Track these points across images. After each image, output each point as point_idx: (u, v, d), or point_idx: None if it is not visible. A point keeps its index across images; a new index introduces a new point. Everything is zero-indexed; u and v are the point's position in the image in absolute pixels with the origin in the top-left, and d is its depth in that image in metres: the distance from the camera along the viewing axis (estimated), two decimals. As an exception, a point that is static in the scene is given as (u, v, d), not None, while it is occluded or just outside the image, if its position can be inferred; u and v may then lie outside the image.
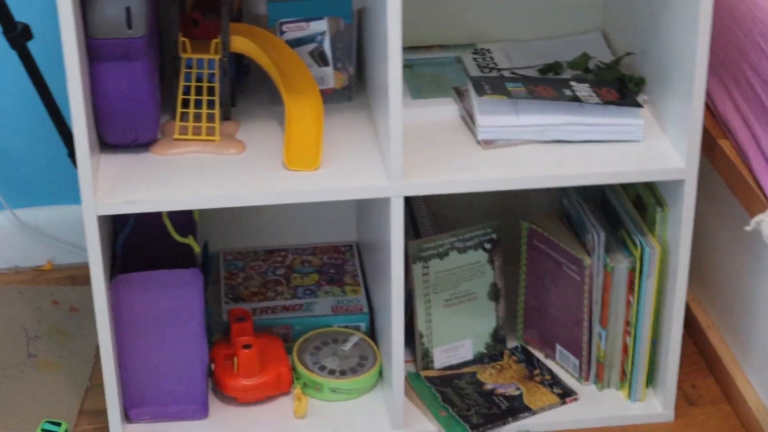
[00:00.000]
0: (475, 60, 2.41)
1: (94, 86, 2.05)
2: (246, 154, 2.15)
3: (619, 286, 2.23)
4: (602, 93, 2.21)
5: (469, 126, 2.22)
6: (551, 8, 2.46)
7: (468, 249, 2.32)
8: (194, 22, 2.18)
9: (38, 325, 2.51)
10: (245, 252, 2.60)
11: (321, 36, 2.24)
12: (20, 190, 2.63)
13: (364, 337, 2.40)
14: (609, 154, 2.15)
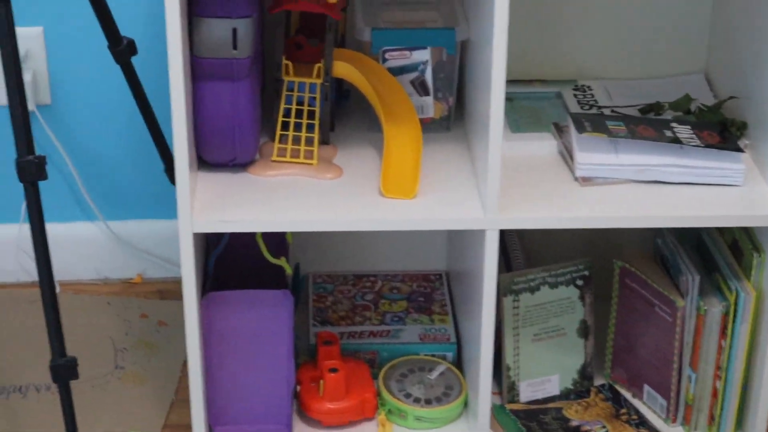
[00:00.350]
0: (576, 96, 2.40)
1: (196, 104, 2.07)
2: (343, 179, 2.15)
3: (711, 330, 2.21)
4: (703, 136, 2.19)
5: (567, 162, 2.21)
6: (654, 48, 2.44)
7: (559, 284, 2.30)
8: (298, 45, 2.19)
9: (126, 337, 2.53)
10: (335, 275, 2.60)
11: (423, 65, 2.24)
12: (114, 202, 2.65)
13: (450, 367, 2.38)
14: (707, 197, 2.13)
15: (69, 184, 2.62)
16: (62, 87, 2.54)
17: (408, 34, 2.22)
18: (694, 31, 2.43)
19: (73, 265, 2.66)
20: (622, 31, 2.43)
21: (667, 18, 2.42)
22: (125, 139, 2.59)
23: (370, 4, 2.30)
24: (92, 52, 2.46)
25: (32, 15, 2.45)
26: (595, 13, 2.41)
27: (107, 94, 2.54)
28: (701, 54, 2.45)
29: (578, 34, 2.43)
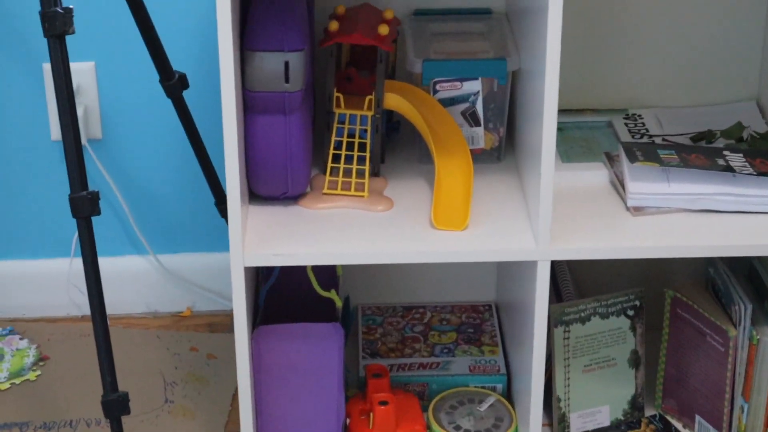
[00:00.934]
0: (627, 125, 2.38)
1: (247, 138, 2.06)
2: (394, 211, 2.14)
3: (764, 360, 2.19)
4: (756, 163, 2.17)
5: (619, 192, 2.19)
6: (705, 76, 2.43)
7: (610, 315, 2.28)
8: (348, 78, 2.19)
9: (175, 371, 2.52)
10: (384, 307, 2.59)
11: (474, 96, 2.23)
12: (164, 235, 2.65)
13: (500, 399, 2.37)
14: (760, 225, 2.11)
15: (119, 217, 2.63)
16: (113, 121, 2.54)
17: (459, 65, 2.21)
18: (746, 57, 2.42)
19: (123, 299, 2.66)
20: (672, 58, 2.41)
21: (717, 45, 2.41)
22: (176, 172, 2.59)
23: (421, 36, 2.29)
24: (143, 86, 2.47)
25: (84, 49, 2.45)
26: (645, 41, 2.40)
27: (158, 128, 2.54)
28: (753, 81, 2.44)
29: (628, 63, 2.41)
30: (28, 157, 2.56)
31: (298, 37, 2.01)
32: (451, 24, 2.33)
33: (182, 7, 2.42)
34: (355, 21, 2.16)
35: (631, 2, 2.37)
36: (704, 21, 2.38)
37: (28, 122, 2.53)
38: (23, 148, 2.55)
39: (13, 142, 2.54)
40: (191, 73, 2.36)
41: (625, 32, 2.39)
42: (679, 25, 2.38)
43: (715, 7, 2.38)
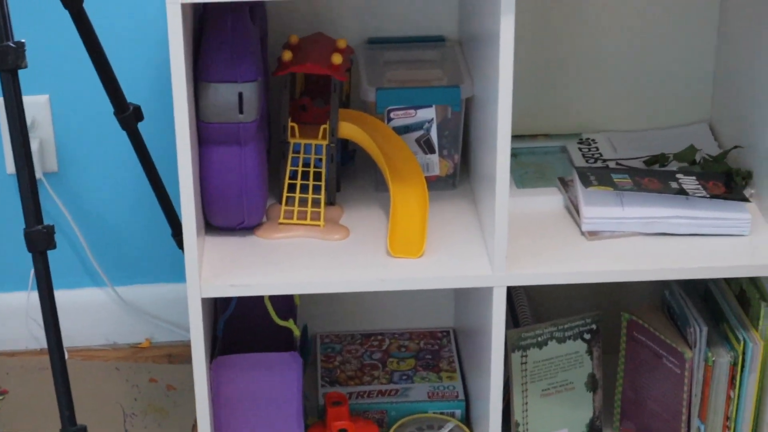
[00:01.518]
0: (581, 150, 2.38)
1: (203, 169, 2.05)
2: (350, 240, 2.14)
3: (719, 381, 2.19)
4: (709, 186, 2.18)
5: (574, 216, 2.19)
6: (657, 99, 2.43)
7: (567, 339, 2.28)
8: (303, 107, 2.19)
9: (135, 403, 2.50)
10: (342, 335, 2.58)
11: (428, 123, 2.22)
12: (121, 267, 2.63)
13: (459, 425, 2.36)
14: (714, 248, 2.11)
15: (76, 250, 2.60)
16: (69, 154, 2.53)
17: (413, 93, 2.21)
18: (698, 81, 2.42)
19: (81, 332, 2.64)
20: (625, 83, 2.42)
21: (670, 69, 2.41)
22: (132, 204, 2.57)
23: (374, 64, 2.29)
24: (99, 118, 2.46)
25: (38, 83, 2.43)
26: (597, 66, 2.40)
27: (114, 161, 2.52)
28: (705, 103, 2.44)
29: (581, 88, 2.42)
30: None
31: (251, 68, 2.00)
32: (405, 52, 2.32)
33: (135, 39, 2.41)
34: (308, 50, 2.16)
35: (583, 27, 2.37)
36: (656, 45, 2.39)
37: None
38: (-23, 182, 2.54)
39: (-33, 175, 2.54)
40: (146, 105, 2.35)
41: (578, 57, 2.39)
42: (631, 49, 2.39)
43: (666, 31, 2.38)
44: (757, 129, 2.19)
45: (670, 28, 2.38)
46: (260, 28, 2.14)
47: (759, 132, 2.18)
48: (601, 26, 2.37)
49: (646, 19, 2.37)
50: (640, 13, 2.36)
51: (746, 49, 2.24)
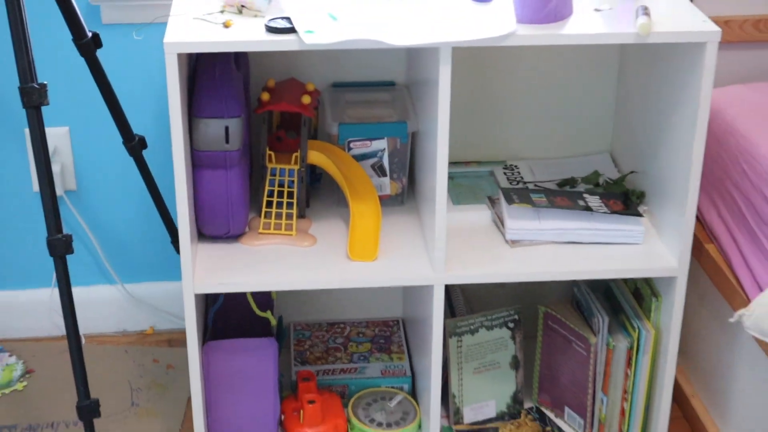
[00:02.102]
0: (505, 174, 2.37)
1: (196, 188, 2.03)
2: (317, 246, 2.11)
3: (619, 361, 2.18)
4: (610, 204, 2.17)
5: (500, 228, 2.17)
6: (568, 133, 2.42)
7: (494, 327, 2.26)
8: (278, 138, 2.16)
9: (140, 380, 2.47)
10: (312, 324, 2.54)
11: (381, 152, 2.21)
12: (130, 268, 2.59)
13: (407, 396, 2.34)
14: (614, 253, 2.10)
15: (92, 254, 2.57)
16: (86, 175, 2.49)
17: (368, 128, 2.19)
18: (601, 119, 2.41)
19: (96, 321, 2.60)
20: (542, 120, 2.40)
21: (578, 109, 2.40)
22: (138, 216, 2.53)
23: (337, 104, 2.27)
24: (110, 146, 2.42)
25: (60, 117, 2.40)
26: (519, 106, 2.39)
27: (123, 181, 2.49)
28: (607, 137, 2.43)
29: (506, 123, 2.40)
30: (12, 206, 2.50)
31: (235, 106, 1.98)
32: (362, 94, 2.30)
33: (140, 80, 2.38)
34: (282, 92, 2.14)
35: (508, 74, 2.35)
36: (567, 89, 2.38)
37: (13, 177, 2.47)
38: (8, 198, 2.49)
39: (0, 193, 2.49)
40: (149, 135, 2.32)
41: (503, 98, 2.37)
42: (547, 92, 2.37)
43: (574, 77, 2.37)
44: (649, 157, 2.18)
45: (577, 76, 2.37)
46: (243, 74, 2.11)
47: (650, 160, 2.17)
48: (522, 74, 2.35)
49: (558, 68, 2.36)
50: (553, 63, 2.35)
51: (639, 93, 2.23)
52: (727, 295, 2.12)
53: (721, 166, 2.19)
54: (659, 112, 2.10)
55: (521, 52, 2.33)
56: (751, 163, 2.09)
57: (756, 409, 2.12)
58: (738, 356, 2.16)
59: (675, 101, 2.01)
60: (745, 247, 2.07)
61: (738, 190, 2.13)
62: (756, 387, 2.10)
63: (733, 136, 2.17)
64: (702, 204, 2.25)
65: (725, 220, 2.17)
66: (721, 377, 2.24)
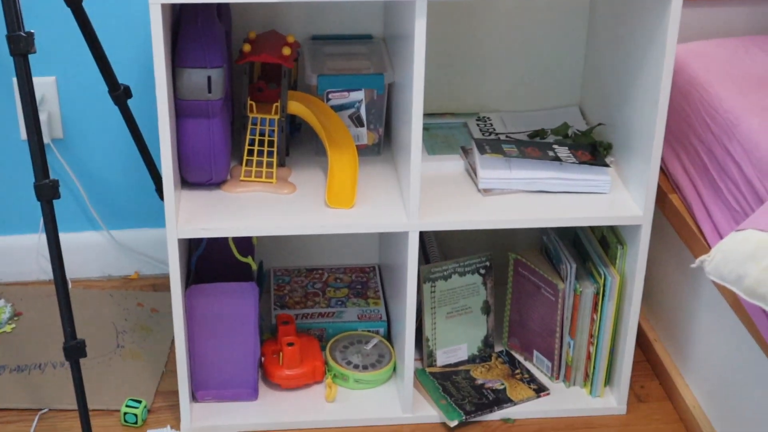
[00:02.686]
0: (478, 125, 2.39)
1: (179, 137, 2.04)
2: (296, 194, 2.13)
3: (585, 307, 2.21)
4: (578, 155, 2.19)
5: (472, 177, 2.19)
6: (538, 86, 2.44)
7: (467, 273, 2.29)
8: (259, 89, 2.17)
9: (125, 322, 2.48)
10: (291, 269, 2.57)
11: (359, 103, 2.22)
12: (115, 214, 2.60)
13: (382, 340, 2.37)
14: (581, 203, 2.13)
15: (78, 201, 2.57)
16: (72, 124, 2.49)
17: (346, 79, 2.20)
18: (570, 72, 2.43)
19: (82, 266, 2.61)
20: (514, 73, 2.42)
21: (548, 63, 2.42)
22: (123, 164, 2.54)
23: (317, 56, 2.28)
24: (96, 95, 2.42)
25: (47, 66, 2.40)
26: (492, 59, 2.40)
27: (108, 129, 2.49)
28: (576, 90, 2.45)
29: (479, 76, 2.42)
30: (1, 153, 2.50)
31: (218, 57, 1.99)
32: (341, 47, 2.31)
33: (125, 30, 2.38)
34: (263, 44, 2.15)
35: (481, 28, 2.37)
36: (537, 43, 2.39)
37: (2, 125, 2.47)
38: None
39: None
40: (134, 85, 2.32)
41: (476, 51, 2.39)
42: (518, 45, 2.39)
43: (545, 32, 2.39)
44: (617, 110, 2.20)
45: (548, 31, 2.38)
46: (225, 25, 2.12)
47: (618, 113, 2.19)
48: (494, 28, 2.37)
49: (530, 23, 2.37)
50: (525, 18, 2.37)
51: (607, 48, 2.25)
52: (690, 243, 2.16)
53: (685, 119, 2.21)
54: (626, 67, 2.12)
55: (495, 6, 2.35)
56: (713, 115, 2.12)
57: (716, 352, 2.16)
58: (699, 302, 2.20)
59: (641, 56, 2.04)
60: (707, 197, 2.11)
61: (700, 142, 2.16)
62: (716, 331, 2.15)
63: (696, 90, 2.19)
64: (666, 155, 2.28)
65: (688, 171, 2.20)
66: (683, 322, 2.28)
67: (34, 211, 2.48)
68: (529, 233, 2.45)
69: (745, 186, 1.97)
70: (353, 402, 2.26)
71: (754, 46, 2.30)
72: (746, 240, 1.65)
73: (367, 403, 2.26)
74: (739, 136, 2.02)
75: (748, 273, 1.63)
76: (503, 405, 2.25)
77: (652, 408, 2.29)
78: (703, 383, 2.21)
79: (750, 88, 2.13)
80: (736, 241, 1.67)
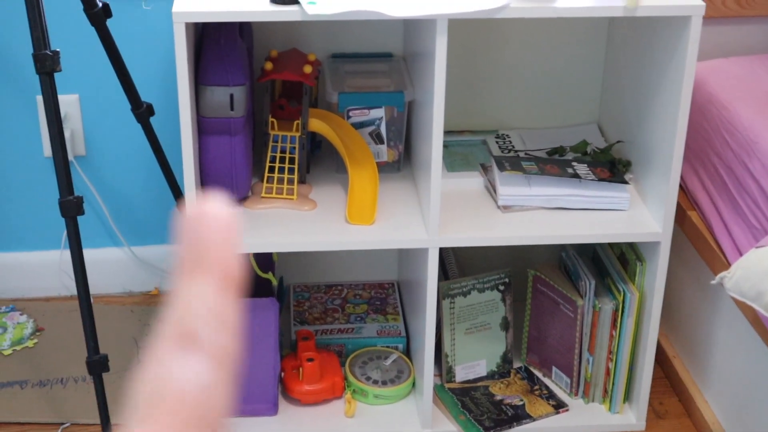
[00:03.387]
0: (497, 143, 2.39)
1: (201, 154, 2.04)
2: (317, 210, 2.14)
3: (604, 323, 2.20)
4: (597, 171, 2.19)
5: (492, 194, 2.19)
6: (558, 104, 2.44)
7: (486, 289, 2.29)
8: (281, 107, 2.17)
9: (146, 338, 2.49)
10: (311, 285, 2.57)
11: (379, 120, 2.22)
12: (136, 231, 2.61)
13: (401, 355, 2.36)
14: (601, 219, 2.13)
15: (100, 218, 2.58)
16: (95, 141, 2.50)
17: (367, 97, 2.21)
18: (589, 90, 2.43)
19: (104, 282, 2.61)
20: (533, 91, 2.42)
21: (567, 81, 2.42)
22: (145, 181, 2.55)
23: (337, 74, 2.28)
24: (119, 113, 2.43)
25: (70, 84, 2.41)
26: (512, 78, 2.41)
27: (131, 147, 2.50)
28: (594, 108, 2.45)
29: (499, 94, 2.42)
30: (24, 171, 2.51)
31: (240, 75, 2.00)
32: (361, 65, 2.32)
33: (148, 49, 2.39)
34: (285, 62, 2.15)
35: (501, 47, 2.37)
36: (556, 61, 2.40)
37: (26, 142, 2.48)
38: (20, 163, 2.51)
39: (11, 157, 2.50)
40: (156, 102, 2.33)
41: (496, 70, 2.39)
42: (538, 64, 2.40)
43: (565, 50, 2.39)
44: (635, 128, 2.20)
45: (567, 48, 2.39)
46: (247, 44, 2.13)
47: (636, 130, 2.19)
48: (515, 47, 2.38)
49: (549, 41, 2.38)
50: (545, 36, 2.37)
51: (626, 66, 2.25)
52: (709, 260, 2.15)
53: (704, 137, 2.21)
54: (645, 84, 2.12)
55: (514, 24, 2.36)
56: (732, 133, 2.12)
57: (735, 369, 2.15)
58: (718, 318, 2.19)
59: (660, 74, 2.04)
60: (726, 214, 2.10)
61: (720, 160, 2.16)
62: (735, 348, 2.14)
63: (715, 107, 2.19)
64: (685, 173, 2.27)
65: (707, 188, 2.20)
66: (702, 339, 2.27)
67: (55, 227, 2.50)
68: (548, 250, 2.45)
69: (765, 203, 1.97)
70: (372, 417, 2.25)
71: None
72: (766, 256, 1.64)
73: (387, 419, 2.25)
74: (759, 154, 2.02)
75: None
76: (522, 421, 2.24)
77: (671, 424, 2.28)
78: (723, 400, 2.20)
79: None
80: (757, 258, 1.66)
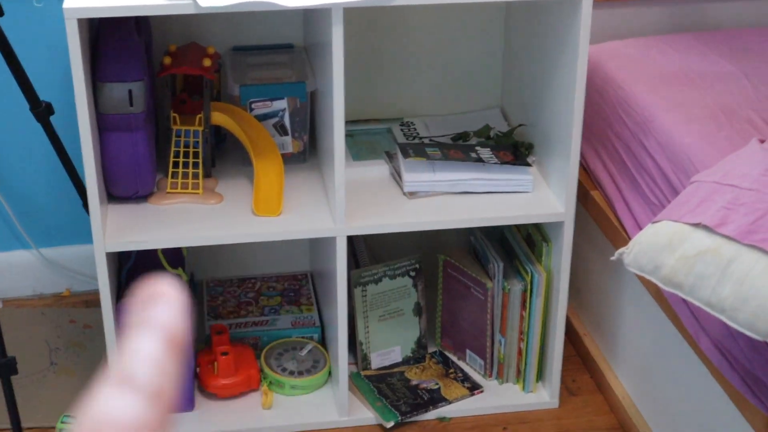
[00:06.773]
0: (402, 130, 2.40)
1: (103, 151, 2.02)
2: (223, 204, 2.13)
3: (514, 304, 2.23)
4: (500, 155, 2.21)
5: (397, 181, 2.20)
6: (460, 90, 2.46)
7: (397, 276, 2.30)
8: (182, 101, 2.16)
9: (58, 339, 2.46)
10: (224, 280, 2.56)
11: (282, 112, 2.22)
12: (44, 232, 2.58)
13: (316, 345, 2.37)
14: (505, 202, 2.15)
15: (5, 220, 2.54)
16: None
17: (269, 88, 2.20)
18: (491, 76, 2.45)
19: (13, 285, 2.58)
20: (435, 78, 2.44)
21: (468, 66, 2.44)
22: (49, 181, 2.52)
23: (238, 66, 2.28)
24: (18, 113, 2.38)
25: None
26: (414, 65, 2.42)
27: (33, 147, 2.46)
28: (496, 93, 2.47)
29: (402, 82, 2.43)
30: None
31: (137, 70, 1.98)
32: (262, 57, 2.31)
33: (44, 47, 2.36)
34: (184, 56, 2.14)
35: (401, 36, 2.38)
36: (457, 47, 2.41)
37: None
38: None
39: None
40: (56, 101, 2.29)
41: (398, 58, 2.41)
42: (438, 51, 2.41)
43: (465, 37, 2.41)
44: (535, 111, 2.23)
45: (467, 35, 2.40)
46: (145, 39, 2.11)
47: (537, 113, 2.22)
48: (416, 35, 2.39)
49: (448, 27, 2.39)
50: (444, 23, 2.38)
51: (524, 50, 2.27)
52: (612, 238, 2.19)
53: (603, 118, 2.25)
54: (543, 68, 2.15)
55: (414, 12, 2.37)
56: (628, 113, 2.15)
57: (641, 343, 2.19)
58: (623, 295, 2.23)
59: (556, 57, 2.07)
60: (627, 192, 2.14)
61: (618, 139, 2.19)
62: (640, 322, 2.18)
63: (612, 88, 2.23)
64: (587, 154, 2.31)
65: (608, 168, 2.23)
66: (610, 316, 2.31)
67: (-39, 231, 2.46)
68: (456, 234, 2.47)
69: (661, 179, 2.01)
70: (290, 408, 2.26)
71: (665, 45, 2.34)
72: (661, 231, 1.68)
73: (304, 409, 2.25)
74: (654, 132, 2.06)
75: (664, 263, 1.66)
76: (438, 404, 2.26)
77: (583, 401, 2.32)
78: (632, 374, 2.24)
79: (663, 85, 2.16)
80: (652, 233, 1.70)
